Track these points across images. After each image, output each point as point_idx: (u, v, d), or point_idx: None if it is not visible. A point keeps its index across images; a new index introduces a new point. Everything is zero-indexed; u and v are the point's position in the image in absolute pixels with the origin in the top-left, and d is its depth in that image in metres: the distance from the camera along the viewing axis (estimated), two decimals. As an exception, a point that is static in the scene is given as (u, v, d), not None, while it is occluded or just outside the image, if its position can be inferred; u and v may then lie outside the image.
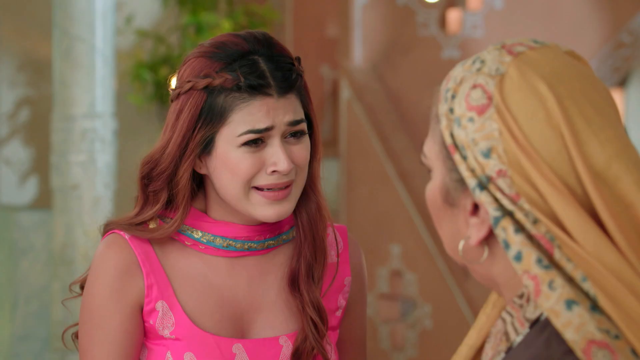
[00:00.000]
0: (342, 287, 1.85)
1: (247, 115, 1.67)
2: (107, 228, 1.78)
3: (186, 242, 1.75)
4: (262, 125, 1.67)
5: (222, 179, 1.71)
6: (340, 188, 5.86)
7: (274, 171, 1.69)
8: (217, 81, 1.67)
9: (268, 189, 1.71)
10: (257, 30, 1.74)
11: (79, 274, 4.71)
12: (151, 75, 6.17)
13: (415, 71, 5.87)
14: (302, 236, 1.78)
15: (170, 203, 1.75)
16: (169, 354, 1.73)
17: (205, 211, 1.77)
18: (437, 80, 5.15)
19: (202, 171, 1.73)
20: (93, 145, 4.87)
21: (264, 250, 1.79)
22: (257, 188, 1.71)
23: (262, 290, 1.79)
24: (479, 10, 5.88)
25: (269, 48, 1.70)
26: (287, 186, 1.71)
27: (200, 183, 1.77)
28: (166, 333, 1.73)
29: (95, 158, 4.88)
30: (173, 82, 1.77)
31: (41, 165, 6.09)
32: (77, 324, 1.82)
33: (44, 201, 6.05)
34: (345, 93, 5.85)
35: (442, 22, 5.91)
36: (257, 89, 1.67)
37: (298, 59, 1.73)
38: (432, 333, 5.43)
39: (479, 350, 1.30)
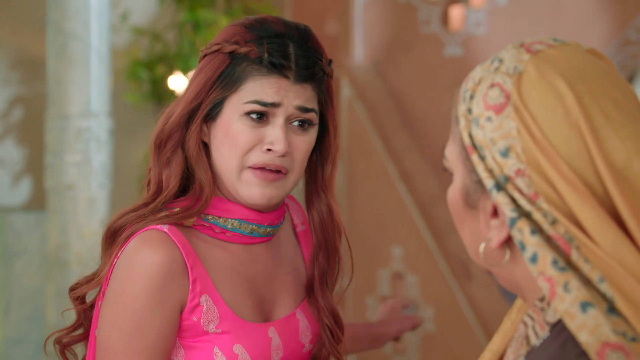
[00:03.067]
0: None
1: (258, 87, 1.72)
2: (135, 228, 1.72)
3: (215, 230, 1.76)
4: (269, 99, 1.72)
5: (220, 149, 1.74)
6: (341, 188, 5.82)
7: (269, 150, 1.73)
8: (243, 49, 1.73)
9: (260, 168, 1.73)
10: (302, 23, 1.79)
11: (74, 276, 4.69)
12: (147, 74, 6.17)
13: (417, 69, 5.84)
14: (315, 241, 1.85)
15: (182, 193, 1.77)
16: (216, 349, 1.71)
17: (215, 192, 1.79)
18: (440, 78, 5.09)
19: (205, 139, 1.76)
20: (88, 144, 4.88)
21: (271, 236, 1.83)
22: (250, 168, 1.74)
23: (274, 273, 1.83)
24: (482, 6, 5.85)
25: (304, 38, 1.76)
26: (279, 172, 1.74)
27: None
28: (211, 328, 1.71)
29: (91, 158, 4.89)
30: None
31: (35, 165, 6.07)
32: (65, 330, 1.79)
33: (38, 202, 6.03)
34: (345, 91, 5.81)
35: (445, 19, 5.87)
36: (277, 67, 1.72)
37: (329, 61, 1.78)
38: (435, 336, 5.39)
39: (503, 355, 1.31)
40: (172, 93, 6.14)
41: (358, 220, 5.69)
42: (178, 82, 6.15)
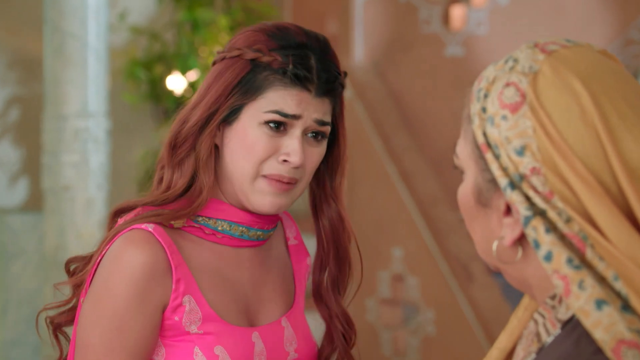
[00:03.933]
0: (307, 268, 1.94)
1: (280, 98, 1.73)
2: (120, 227, 1.72)
3: (205, 231, 1.77)
4: (290, 111, 1.73)
5: (235, 155, 1.75)
6: (341, 189, 5.79)
7: (285, 160, 1.74)
8: (266, 58, 1.73)
9: (276, 180, 1.75)
10: (320, 33, 1.80)
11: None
12: (145, 73, 6.15)
13: (418, 69, 5.83)
14: (324, 248, 1.86)
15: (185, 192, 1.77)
16: (197, 349, 1.72)
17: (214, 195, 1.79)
18: (440, 78, 5.06)
19: (217, 141, 1.77)
20: (86, 145, 4.86)
21: (263, 241, 1.84)
22: (265, 177, 1.75)
23: (261, 279, 1.84)
24: (483, 6, 5.84)
25: (324, 51, 1.77)
26: (290, 183, 1.76)
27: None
28: (193, 328, 1.72)
29: (88, 158, 4.87)
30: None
31: (32, 166, 6.05)
32: (56, 304, 1.80)
33: (35, 203, 6.02)
34: (345, 92, 5.78)
35: (446, 19, 5.86)
36: (300, 79, 1.73)
37: (345, 74, 1.81)
38: (435, 339, 5.37)
39: (510, 353, 1.33)
40: (170, 93, 6.12)
41: (358, 221, 5.66)
42: (176, 82, 6.12)
